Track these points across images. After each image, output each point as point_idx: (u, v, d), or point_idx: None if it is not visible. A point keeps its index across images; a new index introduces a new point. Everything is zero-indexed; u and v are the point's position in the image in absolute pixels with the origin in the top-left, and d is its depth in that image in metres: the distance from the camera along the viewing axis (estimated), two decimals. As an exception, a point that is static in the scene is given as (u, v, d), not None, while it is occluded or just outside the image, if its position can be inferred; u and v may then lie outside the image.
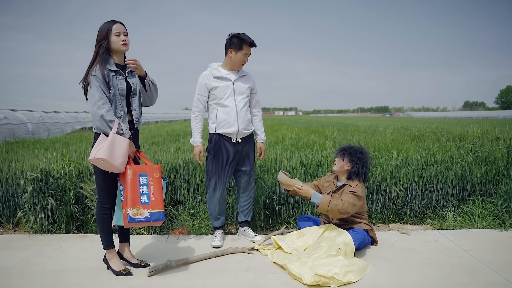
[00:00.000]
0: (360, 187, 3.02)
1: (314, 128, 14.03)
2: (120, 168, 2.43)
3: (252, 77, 3.33)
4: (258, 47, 3.21)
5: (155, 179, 2.53)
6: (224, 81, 3.16)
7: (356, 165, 3.05)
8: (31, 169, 3.57)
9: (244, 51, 3.12)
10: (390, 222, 3.85)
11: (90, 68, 2.48)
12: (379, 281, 2.51)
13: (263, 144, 3.43)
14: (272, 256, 2.90)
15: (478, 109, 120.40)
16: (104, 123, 2.41)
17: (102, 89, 2.42)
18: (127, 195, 2.42)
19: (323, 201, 2.89)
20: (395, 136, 8.41)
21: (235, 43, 3.10)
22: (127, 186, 2.43)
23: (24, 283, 2.50)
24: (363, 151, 3.14)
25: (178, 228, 3.54)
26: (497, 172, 3.99)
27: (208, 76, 3.18)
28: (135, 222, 2.40)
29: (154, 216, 2.45)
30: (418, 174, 3.90)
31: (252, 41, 3.12)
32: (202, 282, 2.51)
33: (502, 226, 3.51)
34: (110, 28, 2.49)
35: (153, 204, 2.46)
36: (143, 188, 2.46)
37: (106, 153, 2.34)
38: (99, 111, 2.39)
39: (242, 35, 3.09)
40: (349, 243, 2.82)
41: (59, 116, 15.42)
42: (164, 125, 19.78)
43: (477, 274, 2.60)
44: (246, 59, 3.18)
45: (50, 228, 3.50)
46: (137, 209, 2.40)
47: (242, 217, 3.42)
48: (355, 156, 3.07)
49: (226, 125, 3.15)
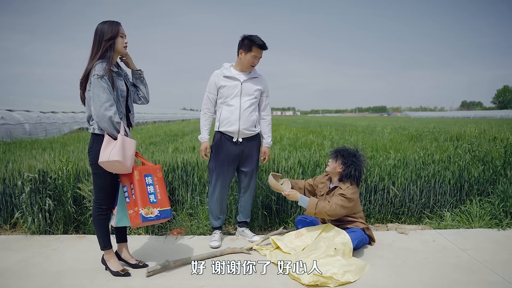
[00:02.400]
0: (351, 189, 3.00)
1: (312, 128, 14.05)
2: (130, 169, 2.45)
3: (264, 80, 3.31)
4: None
5: (159, 179, 2.60)
6: (233, 81, 3.17)
7: (348, 168, 3.05)
8: (29, 169, 3.56)
9: (254, 53, 3.10)
10: (388, 222, 3.86)
11: (92, 66, 2.40)
12: (377, 281, 2.52)
13: (268, 148, 3.41)
14: (271, 256, 2.90)
15: (475, 109, 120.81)
16: (112, 125, 2.39)
17: (109, 89, 2.39)
18: (136, 195, 2.45)
19: (310, 204, 2.91)
20: (393, 136, 8.43)
21: (246, 45, 3.10)
22: (136, 186, 2.46)
23: (22, 284, 2.49)
24: (357, 154, 3.12)
25: (176, 229, 3.54)
26: (494, 171, 4.01)
27: (218, 75, 3.20)
28: (147, 221, 2.46)
29: (163, 214, 2.52)
30: (416, 174, 3.91)
31: (262, 43, 3.10)
32: (200, 282, 2.51)
33: (500, 226, 3.53)
34: (119, 28, 2.48)
35: (161, 202, 2.54)
36: (150, 188, 2.52)
37: (121, 155, 2.35)
38: (107, 113, 2.35)
39: (253, 37, 3.08)
40: (347, 243, 2.82)
41: (57, 116, 15.36)
42: (161, 125, 19.75)
43: (475, 273, 2.61)
44: (255, 61, 3.16)
45: (47, 229, 3.49)
46: (148, 208, 2.45)
47: (242, 217, 3.42)
48: (348, 159, 3.07)
49: (228, 123, 3.16)
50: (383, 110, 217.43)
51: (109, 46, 2.45)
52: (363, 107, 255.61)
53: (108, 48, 2.46)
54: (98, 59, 2.43)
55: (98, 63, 2.41)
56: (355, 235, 2.93)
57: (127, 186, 2.51)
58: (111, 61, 2.46)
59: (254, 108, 3.25)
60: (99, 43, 2.45)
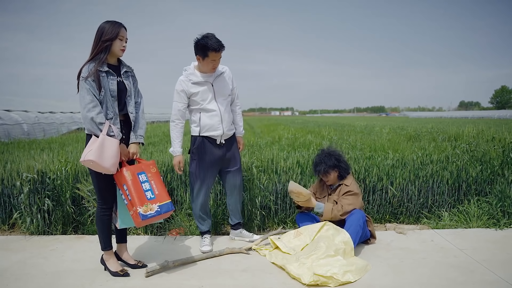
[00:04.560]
0: (354, 183, 3.15)
1: (310, 128, 14.05)
2: (111, 169, 2.42)
3: (229, 74, 3.20)
4: (255, 47, 3.27)
5: (153, 174, 2.58)
6: (202, 86, 3.04)
7: (339, 166, 3.15)
8: (27, 170, 3.55)
9: (211, 57, 2.91)
10: (387, 221, 3.87)
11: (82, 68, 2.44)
12: (375, 280, 2.52)
13: (241, 137, 3.39)
14: (270, 256, 2.90)
15: (473, 109, 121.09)
16: (95, 125, 2.40)
17: (92, 91, 2.40)
18: (132, 196, 2.44)
19: (326, 210, 3.03)
20: (391, 136, 8.45)
21: (200, 50, 2.91)
22: (130, 187, 2.45)
23: (21, 285, 2.49)
24: (331, 152, 3.21)
25: (175, 229, 3.54)
26: (492, 171, 4.03)
27: (185, 82, 3.04)
28: (148, 219, 2.43)
29: (164, 208, 2.50)
30: (414, 174, 3.93)
31: (217, 47, 2.87)
32: (199, 283, 2.51)
33: (497, 225, 3.55)
34: (119, 31, 2.47)
35: (159, 197, 2.51)
36: (145, 185, 2.50)
37: (95, 155, 2.34)
38: (89, 114, 2.39)
39: (205, 41, 2.86)
40: (348, 242, 2.83)
41: (55, 117, 15.34)
42: (160, 125, 19.72)
43: (473, 273, 2.62)
44: (216, 64, 2.99)
45: (46, 229, 3.49)
46: (146, 205, 2.44)
47: (234, 219, 3.36)
48: (331, 162, 3.13)
49: (211, 128, 3.07)
50: (381, 110, 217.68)
51: (105, 47, 2.46)
52: (362, 107, 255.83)
53: (104, 49, 2.46)
54: (90, 59, 2.46)
55: (86, 65, 2.44)
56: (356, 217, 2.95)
57: (121, 189, 2.51)
58: (102, 63, 2.45)
59: (229, 107, 3.21)
60: (97, 42, 2.46)
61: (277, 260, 2.80)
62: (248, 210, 3.64)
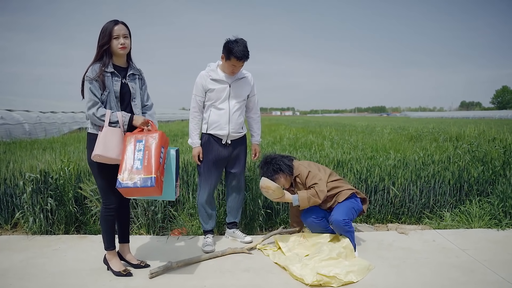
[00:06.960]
0: (303, 166, 3.04)
1: (311, 128, 14.06)
2: (118, 158, 2.41)
3: (250, 80, 3.25)
4: (255, 47, 3.19)
5: (150, 145, 2.40)
6: (220, 84, 3.09)
7: (280, 170, 3.04)
8: (30, 169, 3.57)
9: (232, 62, 2.98)
10: (388, 222, 3.87)
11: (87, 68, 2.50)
12: (377, 280, 2.53)
13: (258, 145, 3.41)
14: (274, 257, 2.91)
15: (474, 109, 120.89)
16: (97, 119, 2.45)
17: (93, 91, 2.44)
18: (122, 160, 2.37)
19: (301, 198, 2.92)
20: (393, 136, 8.45)
21: (226, 51, 2.98)
22: (125, 151, 2.39)
23: (24, 284, 2.50)
24: (267, 161, 3.11)
25: (178, 229, 3.55)
26: (493, 172, 4.03)
27: (205, 77, 3.11)
28: (123, 188, 2.31)
29: (144, 182, 2.29)
30: (415, 174, 3.93)
31: (241, 56, 2.93)
32: (202, 283, 2.52)
33: (499, 226, 3.55)
34: (111, 30, 2.48)
35: (145, 169, 2.33)
36: (138, 154, 2.39)
37: (100, 148, 2.38)
38: (90, 111, 2.45)
39: (232, 46, 2.93)
40: (348, 245, 2.85)
41: (56, 116, 15.35)
42: (161, 125, 19.72)
43: (475, 273, 2.62)
44: (235, 70, 3.05)
45: (49, 229, 3.49)
46: (129, 174, 2.33)
47: (231, 218, 3.39)
48: (269, 172, 3.05)
49: (218, 127, 3.11)
50: (382, 110, 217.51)
51: (104, 51, 2.50)
52: (363, 107, 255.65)
53: (104, 53, 2.50)
54: (96, 61, 2.51)
55: (92, 65, 2.49)
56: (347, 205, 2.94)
57: None
58: (107, 64, 2.49)
59: (242, 110, 3.22)
60: (97, 47, 2.52)
61: (280, 261, 2.81)
62: (250, 210, 3.64)
